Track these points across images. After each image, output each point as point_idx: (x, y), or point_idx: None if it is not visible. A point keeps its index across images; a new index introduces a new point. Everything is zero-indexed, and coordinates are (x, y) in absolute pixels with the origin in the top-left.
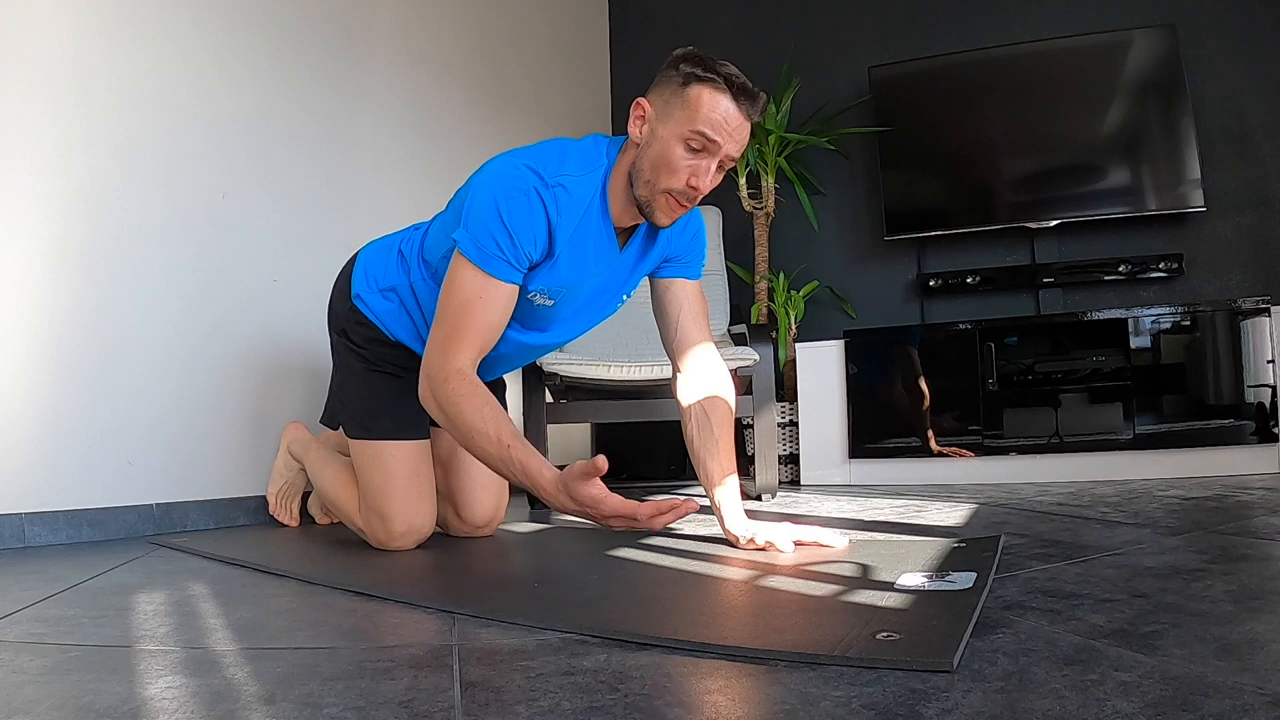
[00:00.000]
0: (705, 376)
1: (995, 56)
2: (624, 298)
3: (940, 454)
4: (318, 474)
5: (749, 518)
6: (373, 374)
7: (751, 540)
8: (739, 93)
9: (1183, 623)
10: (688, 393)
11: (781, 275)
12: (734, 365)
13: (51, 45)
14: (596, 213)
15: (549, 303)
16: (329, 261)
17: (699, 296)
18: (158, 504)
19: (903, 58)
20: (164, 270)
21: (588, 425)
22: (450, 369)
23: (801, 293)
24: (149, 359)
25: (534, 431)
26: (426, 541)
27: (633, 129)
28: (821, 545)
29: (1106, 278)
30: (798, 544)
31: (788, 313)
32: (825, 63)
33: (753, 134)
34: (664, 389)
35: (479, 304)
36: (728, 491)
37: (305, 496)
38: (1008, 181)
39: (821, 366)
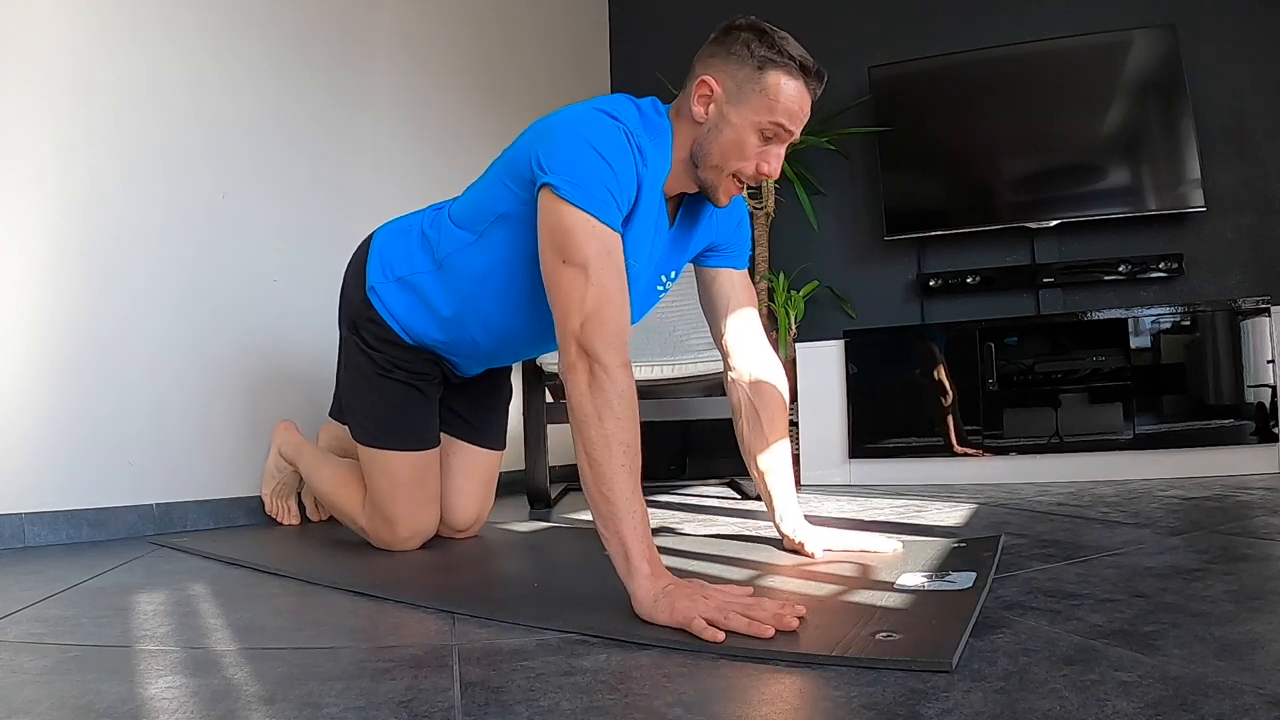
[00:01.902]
0: (755, 369)
1: (995, 56)
2: (664, 280)
3: (959, 453)
4: (313, 476)
5: (798, 519)
6: (383, 381)
7: (801, 544)
8: (811, 76)
9: (1183, 623)
10: (738, 387)
11: (781, 275)
12: None
13: (51, 46)
14: (661, 186)
15: None
16: (329, 261)
17: (747, 287)
18: (158, 504)
19: (903, 58)
20: (164, 270)
21: None
22: (602, 354)
23: (801, 293)
24: (149, 359)
25: (534, 432)
26: (427, 543)
27: (697, 109)
28: (868, 552)
29: (1106, 278)
30: (841, 550)
31: (788, 313)
32: (825, 63)
33: None
34: (665, 389)
35: (608, 259)
36: (779, 490)
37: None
38: (1008, 181)
39: (821, 366)
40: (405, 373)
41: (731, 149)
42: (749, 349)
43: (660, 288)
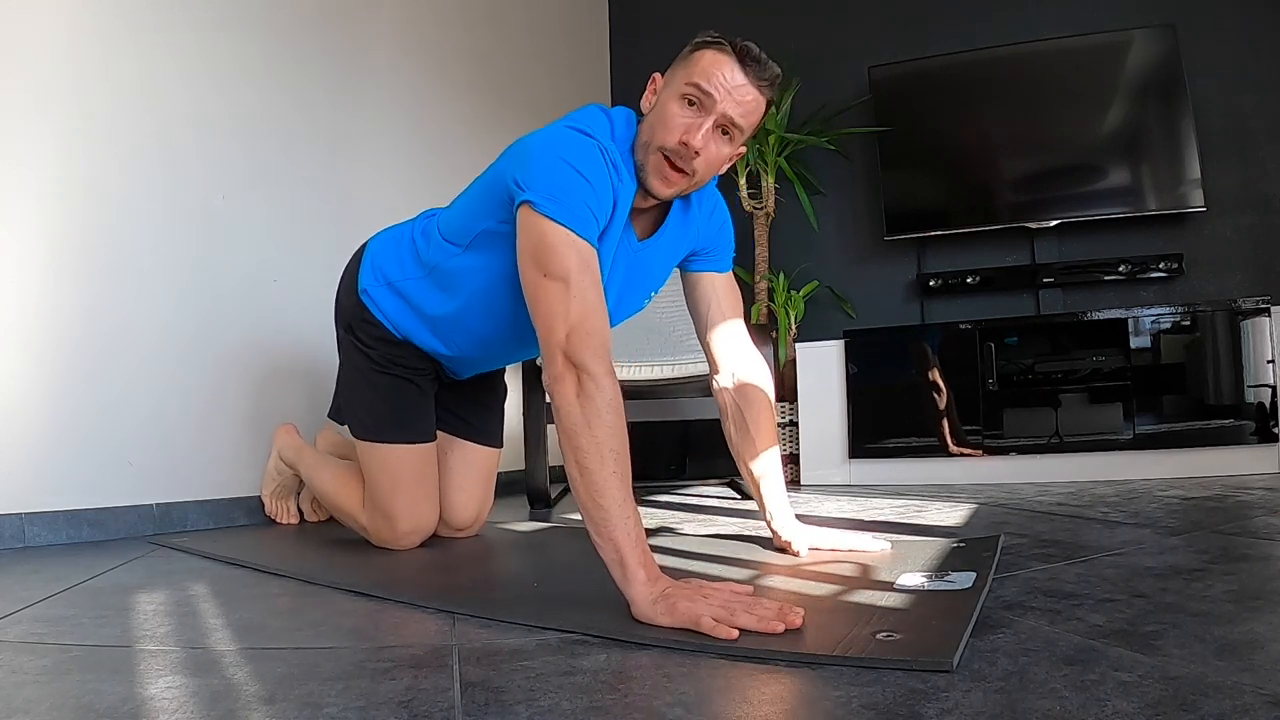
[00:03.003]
0: (739, 371)
1: (995, 56)
2: (651, 294)
3: (958, 453)
4: (314, 478)
5: (788, 518)
6: (380, 376)
7: (788, 543)
8: (743, 55)
9: (1183, 623)
10: (723, 390)
11: (781, 275)
12: None
13: (51, 48)
14: (633, 198)
15: None
16: (328, 261)
17: (730, 289)
18: (158, 504)
19: (903, 58)
20: (163, 270)
21: None
22: (588, 363)
23: (801, 293)
24: (148, 359)
25: (533, 432)
26: (427, 543)
27: (644, 102)
28: (856, 551)
29: (1106, 278)
30: (831, 549)
31: (788, 313)
32: (825, 63)
33: (770, 107)
34: (665, 389)
35: (587, 272)
36: (769, 490)
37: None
38: (1008, 181)
39: (821, 366)
40: (401, 368)
41: (658, 122)
42: (733, 351)
43: (646, 300)
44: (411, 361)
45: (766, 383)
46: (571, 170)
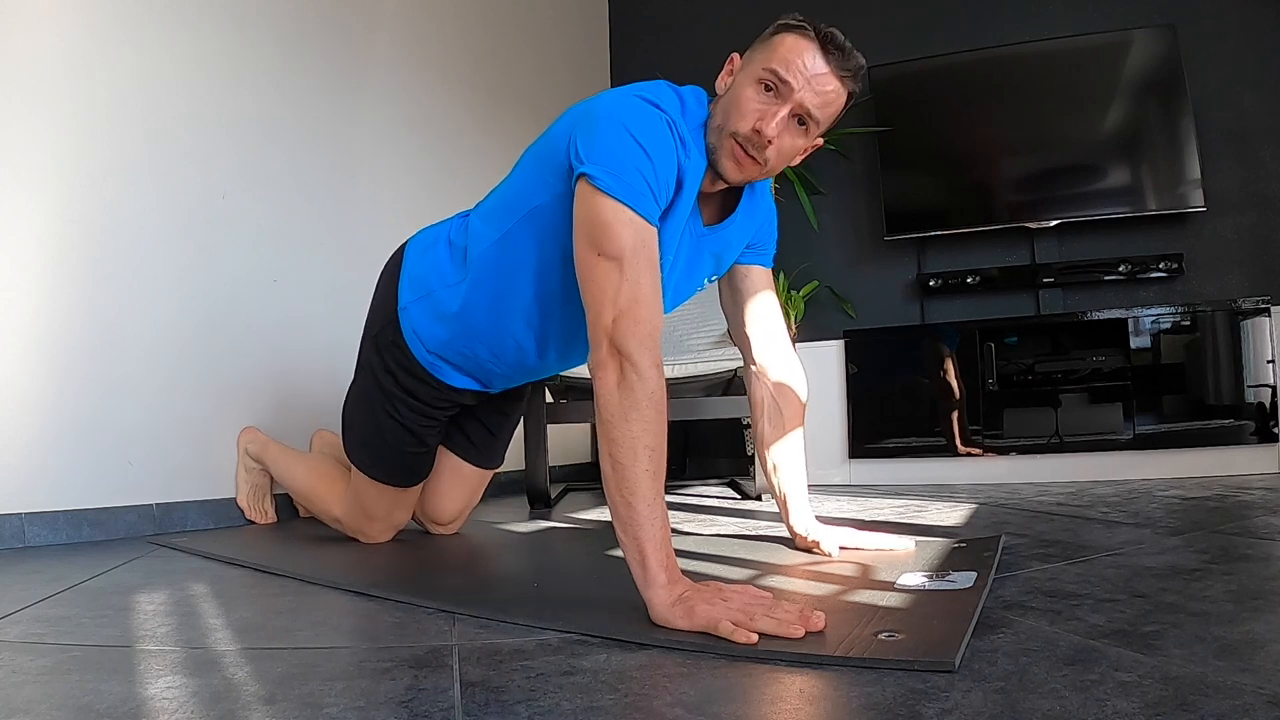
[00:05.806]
0: (778, 368)
1: (995, 56)
2: (705, 282)
3: (963, 452)
4: (285, 471)
5: (810, 518)
6: (387, 420)
7: (816, 543)
8: (825, 41)
9: (1183, 623)
10: (761, 384)
11: (781, 275)
12: (734, 365)
13: (49, 50)
14: (701, 179)
15: None
16: (329, 262)
17: (771, 284)
18: (158, 504)
19: (903, 58)
20: (164, 270)
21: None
22: (634, 354)
23: (801, 293)
24: (148, 359)
25: (534, 432)
26: (426, 542)
27: (720, 82)
28: (883, 551)
29: (1106, 278)
30: (855, 549)
31: (788, 313)
32: None
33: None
34: (666, 389)
35: (643, 253)
36: (793, 486)
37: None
38: (1008, 181)
39: (821, 366)
40: (412, 413)
41: (732, 106)
42: (775, 347)
43: (702, 285)
44: (426, 406)
45: (802, 384)
46: (634, 143)
